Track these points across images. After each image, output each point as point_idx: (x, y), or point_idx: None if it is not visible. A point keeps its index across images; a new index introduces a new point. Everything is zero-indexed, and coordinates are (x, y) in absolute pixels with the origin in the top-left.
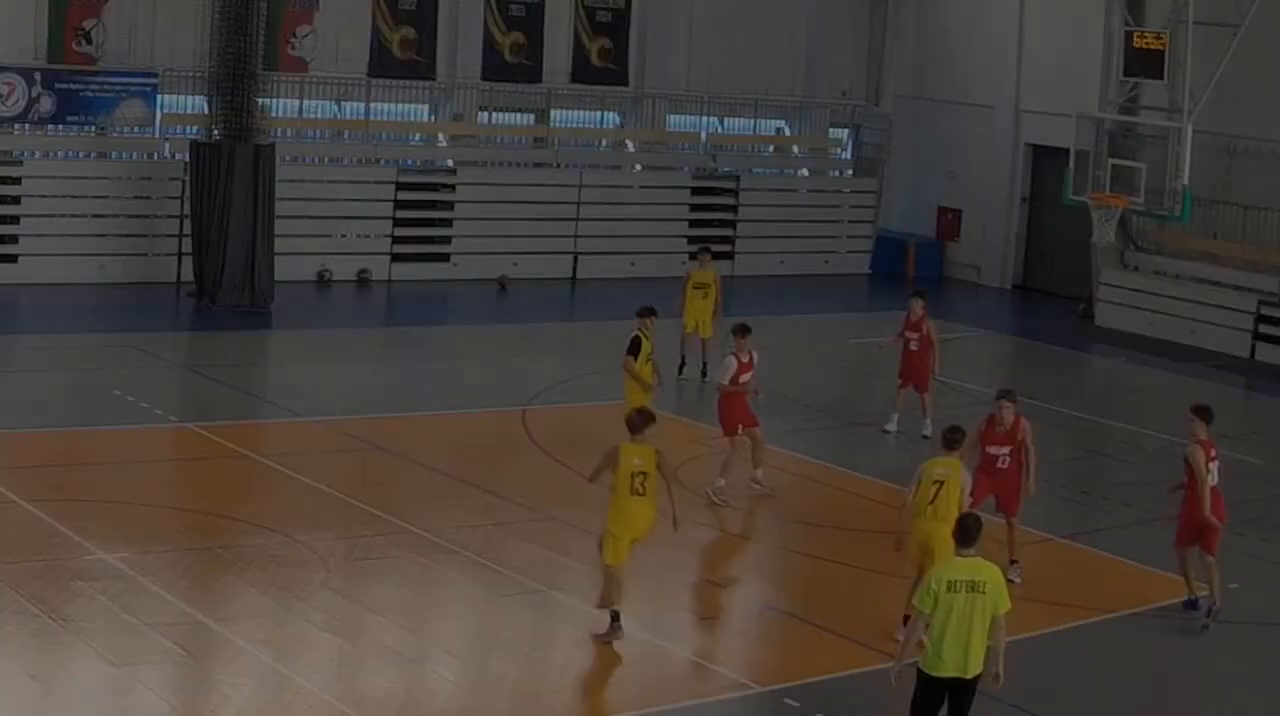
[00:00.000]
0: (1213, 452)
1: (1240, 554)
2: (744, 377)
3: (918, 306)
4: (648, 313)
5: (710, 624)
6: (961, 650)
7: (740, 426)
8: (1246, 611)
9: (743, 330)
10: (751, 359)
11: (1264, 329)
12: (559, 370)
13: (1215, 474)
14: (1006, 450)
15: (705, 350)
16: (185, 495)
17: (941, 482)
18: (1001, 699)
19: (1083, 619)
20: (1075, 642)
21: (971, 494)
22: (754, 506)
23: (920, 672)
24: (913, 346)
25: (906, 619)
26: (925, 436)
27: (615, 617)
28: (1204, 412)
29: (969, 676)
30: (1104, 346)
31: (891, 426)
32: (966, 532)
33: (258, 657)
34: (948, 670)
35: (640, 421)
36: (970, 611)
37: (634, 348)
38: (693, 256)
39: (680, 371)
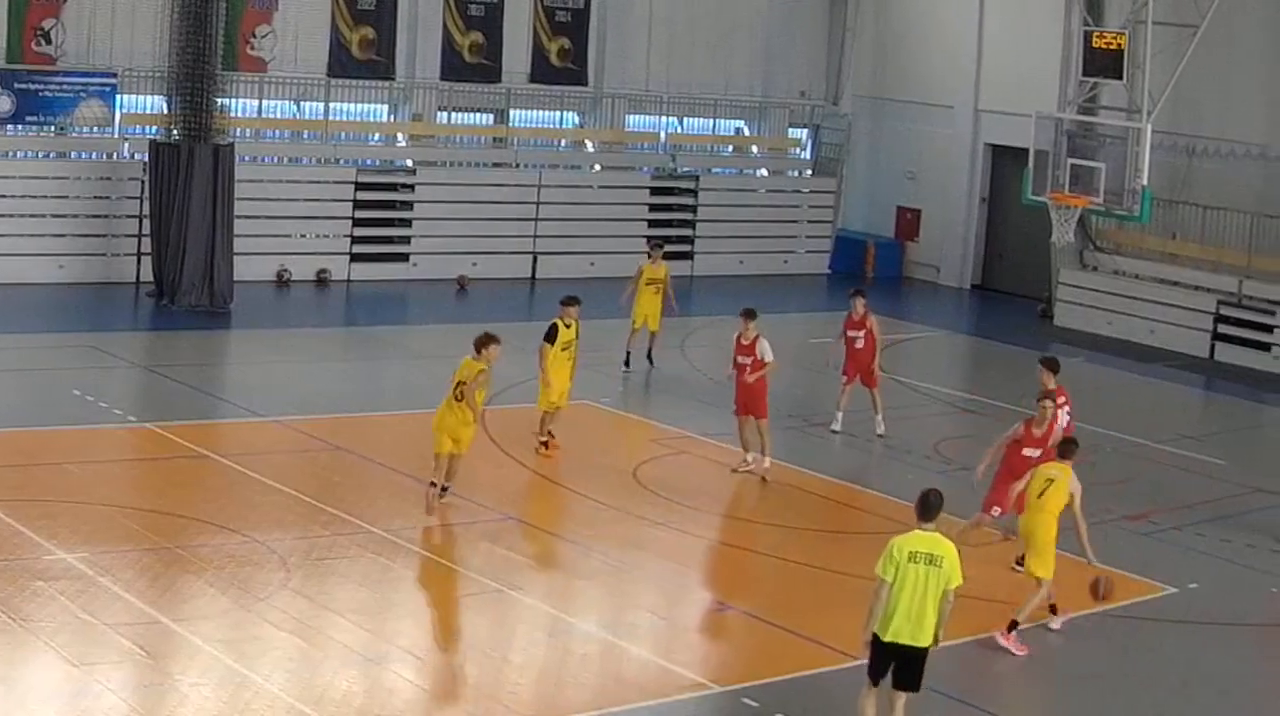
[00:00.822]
0: (1062, 399)
1: (1201, 553)
2: (742, 359)
3: (859, 305)
4: (571, 302)
5: (669, 623)
6: (914, 619)
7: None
8: (1207, 611)
9: (750, 314)
10: (752, 343)
11: (1223, 329)
12: (517, 370)
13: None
14: (1038, 452)
15: (654, 344)
16: (144, 495)
17: (1052, 481)
18: (958, 697)
19: (1038, 619)
20: (1038, 641)
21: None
22: (712, 507)
23: (874, 636)
24: (858, 344)
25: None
26: (880, 435)
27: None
28: (1050, 363)
29: (919, 645)
30: (1063, 346)
31: (837, 425)
32: (928, 507)
33: (217, 657)
34: (900, 637)
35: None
36: (925, 583)
37: (550, 335)
38: (647, 254)
39: (626, 364)
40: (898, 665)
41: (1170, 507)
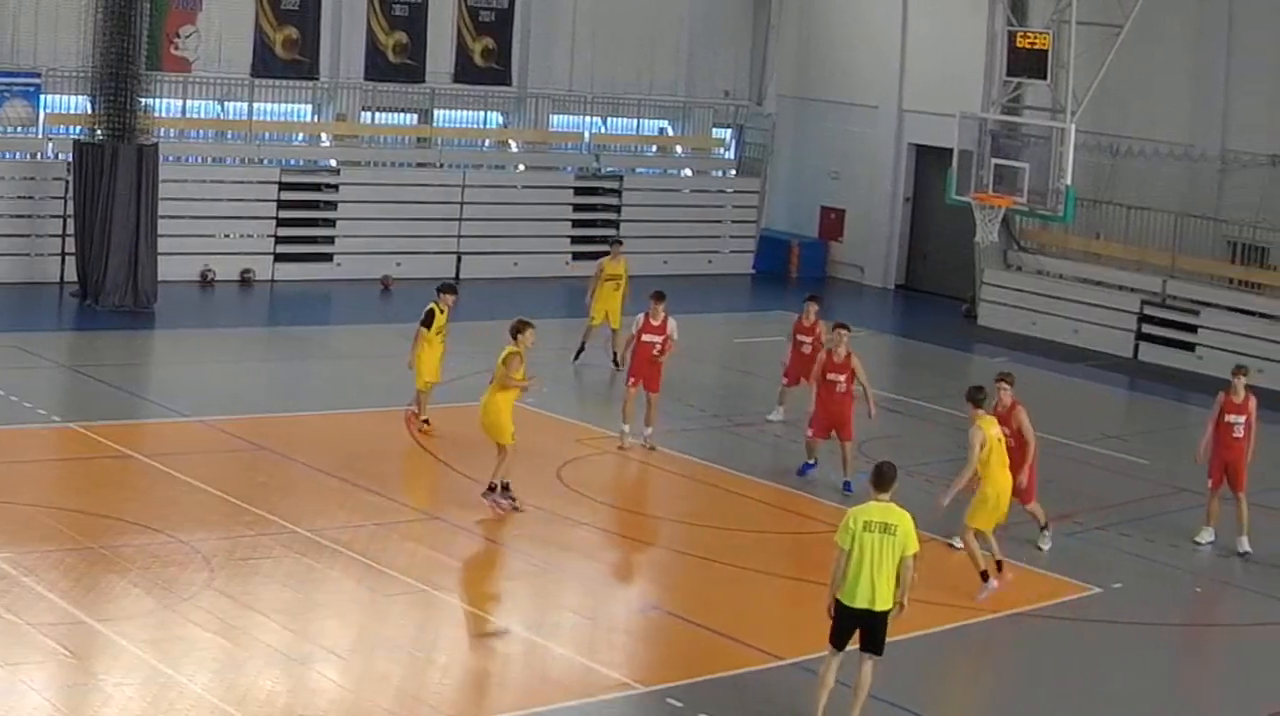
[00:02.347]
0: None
1: (1125, 553)
2: (648, 337)
3: (811, 310)
4: (448, 289)
5: (593, 623)
6: (870, 584)
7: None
8: (1131, 611)
9: (660, 296)
10: (662, 324)
11: (1147, 329)
12: (445, 372)
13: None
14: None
15: (615, 341)
16: (68, 495)
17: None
18: (891, 700)
19: (970, 618)
20: (963, 642)
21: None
22: (636, 507)
23: (837, 602)
24: (804, 349)
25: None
26: None
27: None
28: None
29: (878, 609)
30: (987, 346)
31: (776, 416)
32: (882, 478)
33: (141, 657)
34: (859, 601)
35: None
36: (881, 550)
37: (428, 320)
38: (607, 250)
39: (577, 357)
40: (862, 630)
41: (1094, 508)
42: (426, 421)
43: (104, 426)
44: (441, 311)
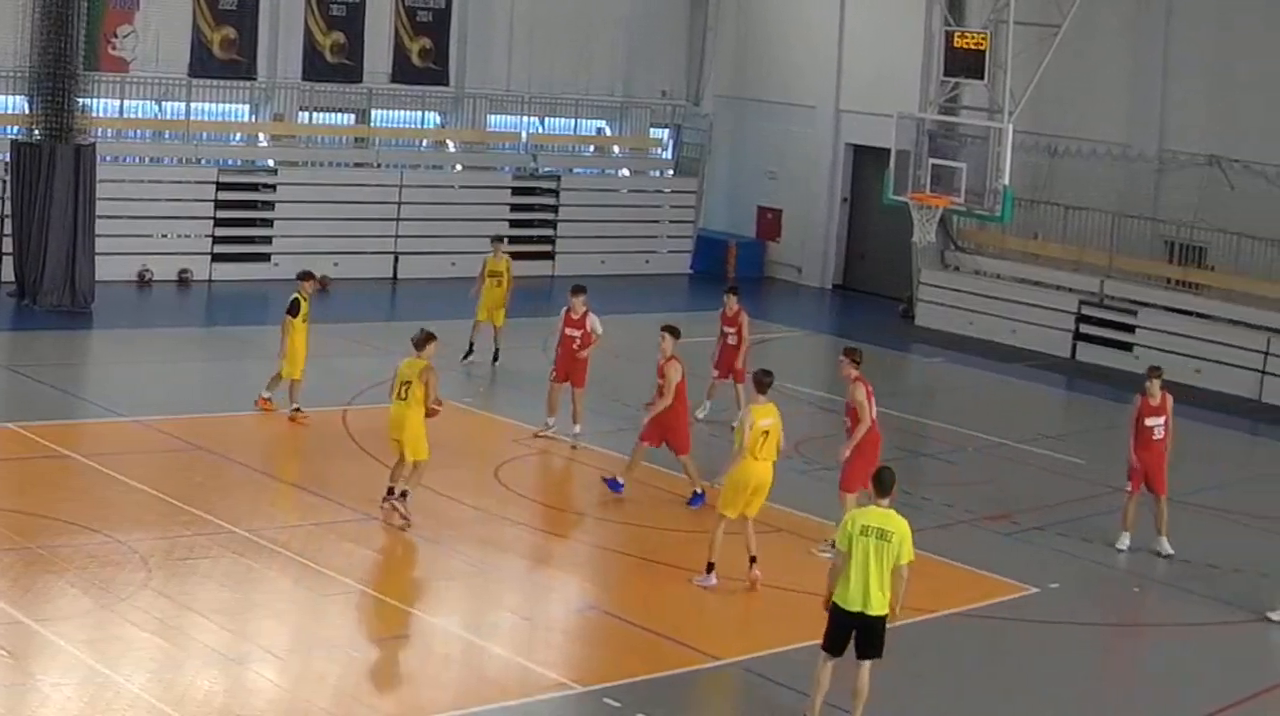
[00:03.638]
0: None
1: (1062, 553)
2: (570, 332)
3: (732, 302)
4: (308, 277)
5: (531, 623)
6: (864, 588)
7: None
8: (1068, 611)
9: (580, 289)
10: (583, 317)
11: (1085, 329)
12: (379, 370)
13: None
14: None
15: (498, 337)
16: (5, 495)
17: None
18: (830, 701)
19: (908, 619)
20: (901, 643)
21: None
22: (573, 507)
23: (833, 603)
24: (730, 341)
25: None
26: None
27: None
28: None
29: (871, 614)
30: (924, 346)
31: (702, 413)
32: (882, 484)
33: (79, 657)
34: (853, 605)
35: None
36: (876, 556)
37: (294, 308)
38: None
39: (466, 357)
40: (858, 634)
41: (1031, 508)
42: (298, 408)
43: (41, 426)
44: (305, 299)
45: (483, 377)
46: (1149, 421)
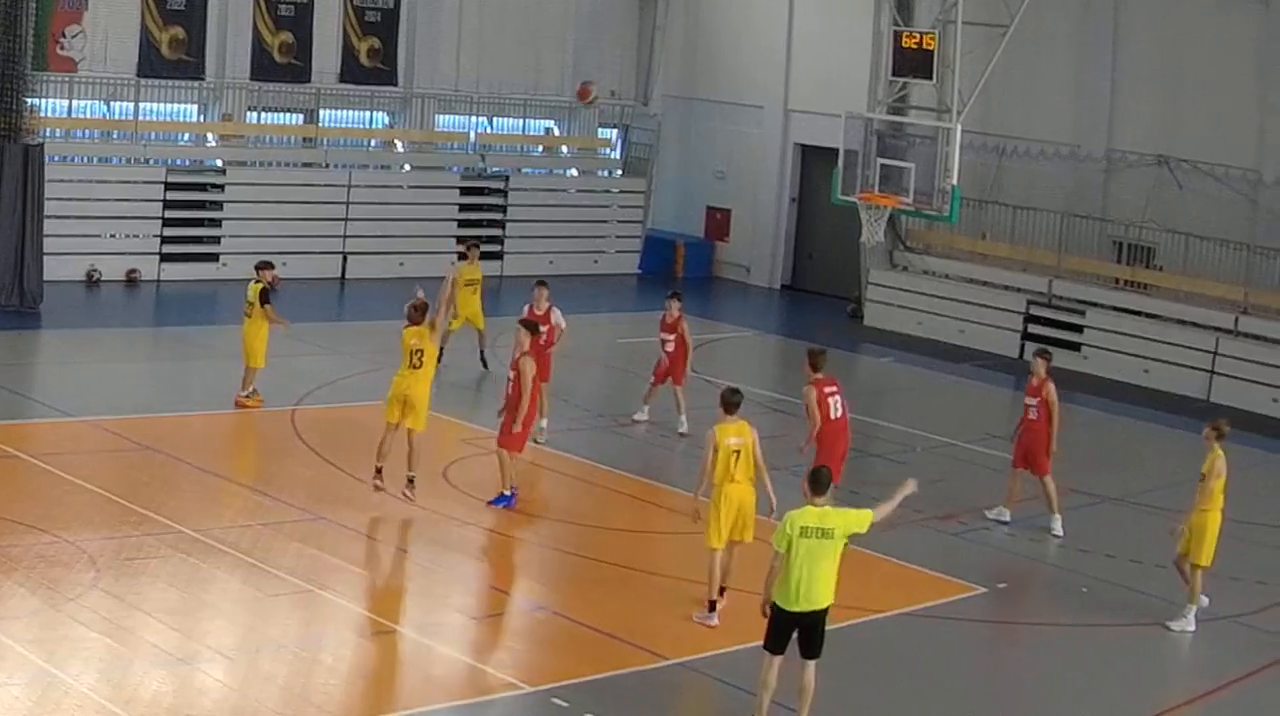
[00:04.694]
0: (829, 389)
1: (1010, 553)
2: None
3: (674, 307)
4: (267, 266)
5: (479, 623)
6: (806, 588)
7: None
8: (1016, 611)
9: (543, 283)
10: (547, 312)
11: (1033, 329)
12: (327, 370)
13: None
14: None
15: (483, 342)
16: None
17: (738, 452)
18: (779, 701)
19: (852, 619)
20: (849, 642)
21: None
22: (522, 507)
23: (774, 605)
24: (667, 347)
25: None
26: (682, 433)
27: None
28: (814, 355)
29: (815, 608)
30: (873, 346)
31: (641, 416)
32: (817, 483)
33: (26, 657)
34: (794, 605)
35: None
36: (819, 554)
37: (265, 298)
38: (461, 255)
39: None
40: (800, 633)
41: (979, 508)
42: (255, 391)
43: None
44: (273, 288)
45: (442, 378)
46: (1027, 400)
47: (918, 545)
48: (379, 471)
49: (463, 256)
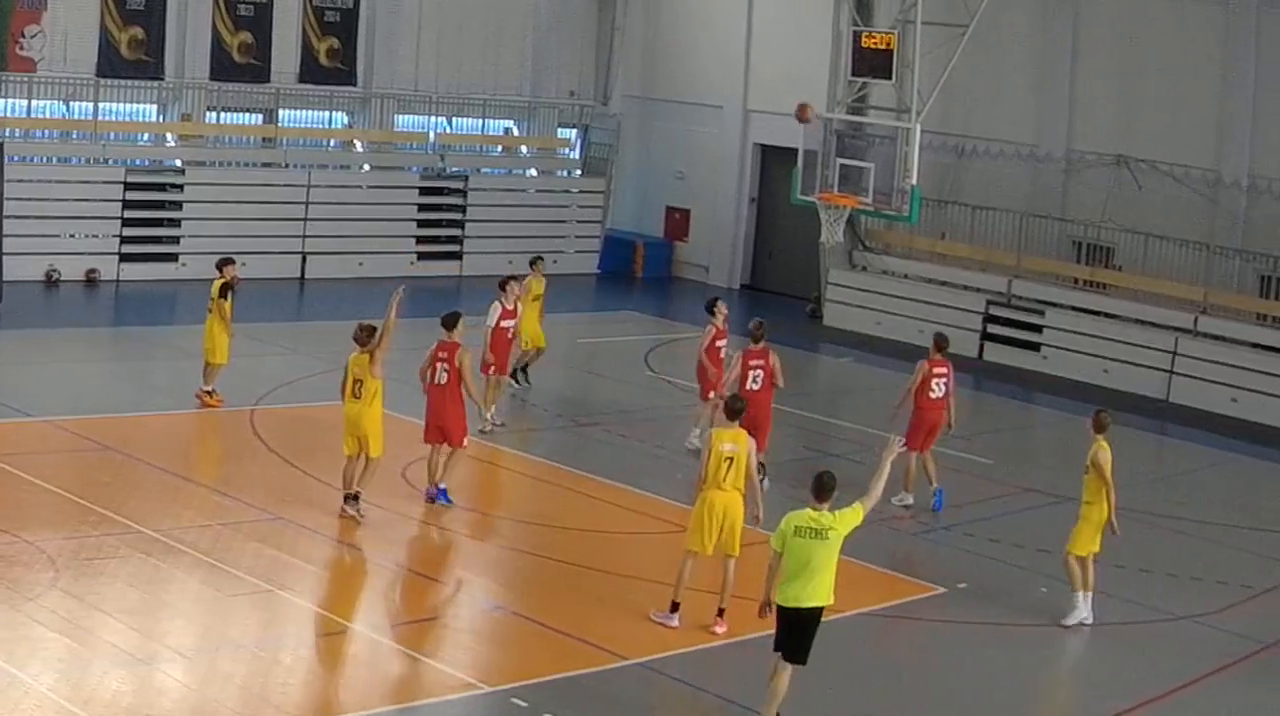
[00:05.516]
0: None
1: (969, 553)
2: (506, 323)
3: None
4: (228, 262)
5: (438, 623)
6: (803, 585)
7: (494, 368)
8: (975, 611)
9: (509, 279)
10: (516, 308)
11: (992, 329)
12: (287, 370)
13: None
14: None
15: (534, 359)
16: None
17: (731, 459)
18: (730, 699)
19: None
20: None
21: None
22: (480, 507)
23: (778, 606)
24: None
25: None
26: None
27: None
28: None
29: (811, 605)
30: (832, 346)
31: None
32: (821, 488)
33: None
34: (789, 601)
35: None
36: (813, 554)
37: (225, 292)
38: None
39: (520, 384)
40: (792, 631)
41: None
42: (211, 391)
43: None
44: (233, 285)
45: (398, 379)
46: (935, 381)
47: (877, 545)
48: (347, 498)
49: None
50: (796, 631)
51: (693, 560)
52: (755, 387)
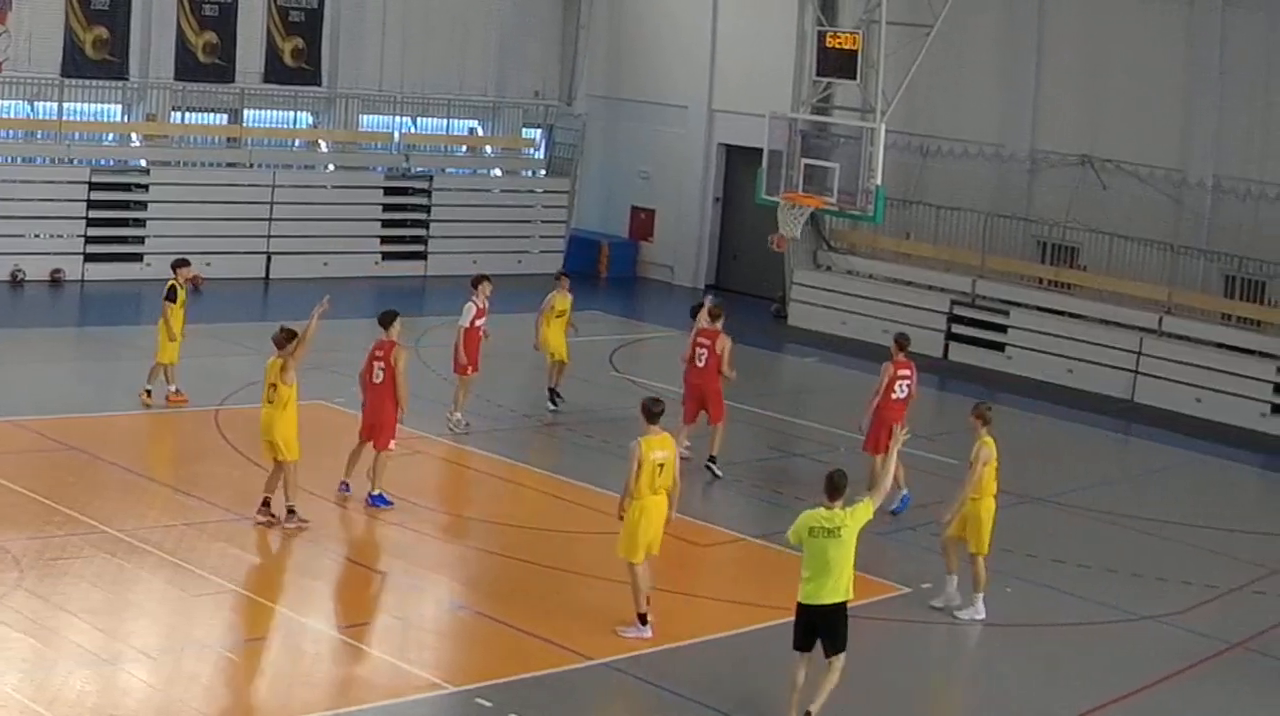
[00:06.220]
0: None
1: (934, 553)
2: (480, 322)
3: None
4: (183, 263)
5: (402, 623)
6: (822, 584)
7: (469, 368)
8: (938, 612)
9: (481, 278)
10: (487, 306)
11: (957, 329)
12: (252, 370)
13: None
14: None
15: (560, 376)
16: None
17: (662, 465)
18: (694, 698)
19: (776, 619)
20: (769, 643)
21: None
22: (445, 506)
23: (798, 602)
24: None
25: None
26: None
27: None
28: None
29: (828, 602)
30: (797, 346)
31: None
32: (833, 487)
33: None
34: (808, 598)
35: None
36: (830, 552)
37: (171, 295)
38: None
39: (554, 405)
40: (822, 629)
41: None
42: (176, 388)
43: None
44: (181, 287)
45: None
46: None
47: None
48: (266, 502)
49: (556, 281)
50: (826, 626)
51: (640, 569)
52: (700, 365)
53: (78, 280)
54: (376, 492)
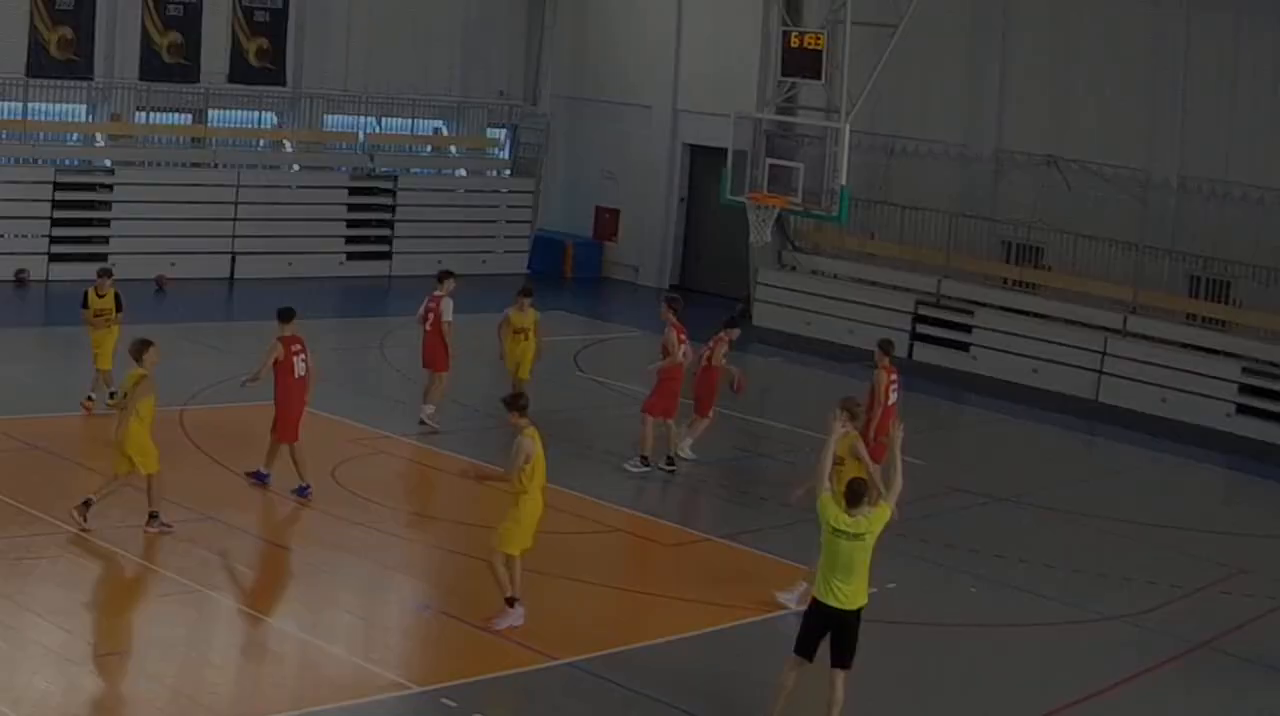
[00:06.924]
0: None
1: (899, 553)
2: (453, 318)
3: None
4: (105, 274)
5: (366, 623)
6: (838, 586)
7: (439, 366)
8: (905, 611)
9: (446, 274)
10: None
11: (922, 329)
12: (216, 370)
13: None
14: None
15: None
16: None
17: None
18: (660, 698)
19: (743, 618)
20: (736, 642)
21: None
22: (410, 506)
23: (813, 598)
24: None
25: None
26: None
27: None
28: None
29: (847, 607)
30: (762, 346)
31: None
32: (855, 496)
33: None
34: (828, 598)
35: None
36: (852, 556)
37: (85, 302)
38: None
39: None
40: (833, 634)
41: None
42: (114, 392)
43: None
44: (100, 295)
45: (331, 378)
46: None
47: (809, 545)
48: (87, 502)
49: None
50: (839, 631)
51: (517, 562)
52: (681, 360)
53: (43, 280)
54: (305, 486)
